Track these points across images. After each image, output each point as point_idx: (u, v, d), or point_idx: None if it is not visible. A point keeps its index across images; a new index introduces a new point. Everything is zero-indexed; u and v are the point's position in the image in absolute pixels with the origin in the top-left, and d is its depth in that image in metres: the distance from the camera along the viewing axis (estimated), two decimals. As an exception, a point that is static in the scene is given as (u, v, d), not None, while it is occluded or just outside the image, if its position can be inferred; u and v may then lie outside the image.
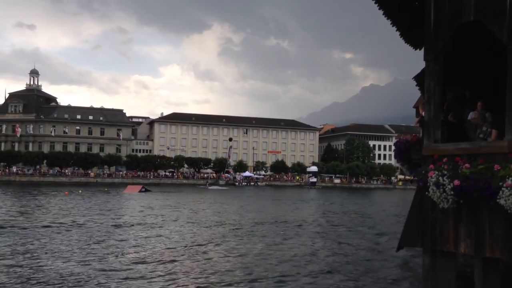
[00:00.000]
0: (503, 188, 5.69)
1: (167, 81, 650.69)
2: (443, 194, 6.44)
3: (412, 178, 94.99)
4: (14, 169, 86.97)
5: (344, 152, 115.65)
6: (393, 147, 9.74)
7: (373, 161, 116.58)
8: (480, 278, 7.39)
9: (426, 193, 6.79)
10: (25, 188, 60.27)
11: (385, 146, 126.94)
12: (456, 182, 6.25)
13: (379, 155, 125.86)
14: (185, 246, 17.05)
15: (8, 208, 30.40)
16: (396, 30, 9.12)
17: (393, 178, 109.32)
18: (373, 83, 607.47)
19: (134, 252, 15.54)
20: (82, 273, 12.10)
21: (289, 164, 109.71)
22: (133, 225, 23.09)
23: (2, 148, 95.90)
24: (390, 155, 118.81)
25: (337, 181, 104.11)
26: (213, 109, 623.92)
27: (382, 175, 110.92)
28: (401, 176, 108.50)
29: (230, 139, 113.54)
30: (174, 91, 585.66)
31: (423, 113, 7.80)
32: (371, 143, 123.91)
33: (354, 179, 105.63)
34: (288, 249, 17.03)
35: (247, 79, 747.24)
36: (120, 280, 11.50)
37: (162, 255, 15.15)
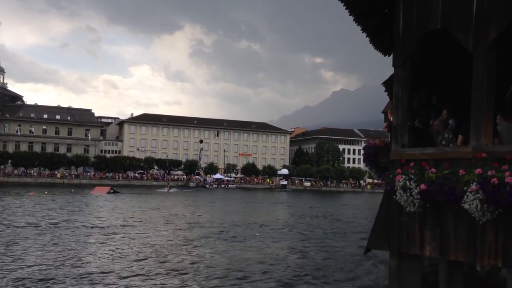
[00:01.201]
0: (467, 193, 5.82)
1: (137, 82, 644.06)
2: (409, 198, 6.56)
3: (380, 182, 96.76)
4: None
5: (315, 156, 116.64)
6: (362, 151, 9.87)
7: (342, 165, 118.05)
8: (444, 280, 7.55)
9: (394, 196, 6.90)
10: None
11: (354, 150, 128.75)
12: (423, 186, 6.37)
13: (349, 159, 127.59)
14: (155, 249, 16.82)
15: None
16: (366, 36, 9.24)
17: (362, 181, 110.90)
18: (344, 88, 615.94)
19: (103, 254, 15.22)
20: (51, 276, 11.78)
21: (260, 166, 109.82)
22: (100, 227, 22.64)
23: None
24: (359, 159, 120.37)
25: (307, 184, 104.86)
26: (184, 110, 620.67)
27: (351, 179, 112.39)
28: (370, 180, 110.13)
29: (201, 141, 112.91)
30: (144, 92, 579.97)
31: (391, 118, 7.93)
32: (341, 147, 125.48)
33: (323, 182, 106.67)
34: (258, 251, 17.02)
35: (218, 81, 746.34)
36: (89, 283, 11.25)
37: (131, 257, 14.90)
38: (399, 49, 7.54)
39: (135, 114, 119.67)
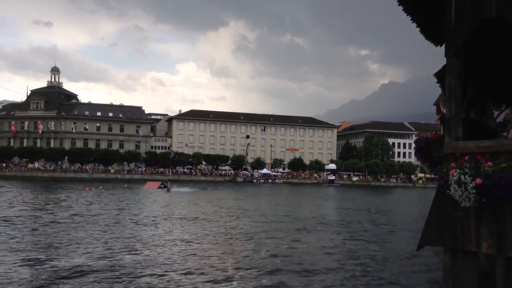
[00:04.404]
0: (526, 187, 5.58)
1: (184, 78, 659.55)
2: (464, 193, 6.34)
3: (433, 176, 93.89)
4: (37, 165, 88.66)
5: (363, 150, 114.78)
6: (413, 145, 9.64)
7: (392, 159, 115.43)
8: (502, 277, 7.27)
9: (447, 191, 6.70)
10: (48, 183, 61.40)
11: (404, 144, 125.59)
12: (478, 180, 6.14)
13: (399, 153, 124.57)
14: (212, 240, 17.18)
15: (34, 203, 31.04)
16: (416, 26, 8.97)
17: (413, 176, 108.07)
18: (392, 80, 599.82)
19: (161, 246, 15.69)
20: (110, 266, 12.28)
21: (307, 161, 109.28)
22: (155, 221, 23.38)
23: (25, 144, 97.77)
24: (410, 153, 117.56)
25: (355, 179, 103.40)
26: (229, 106, 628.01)
27: (401, 173, 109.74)
28: (421, 174, 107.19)
29: (247, 137, 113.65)
30: (190, 88, 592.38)
31: (444, 111, 7.70)
32: (391, 140, 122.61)
33: (373, 177, 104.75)
34: (310, 246, 17.06)
35: (262, 76, 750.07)
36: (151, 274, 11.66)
37: (197, 249, 15.30)
38: (452, 39, 7.29)
39: (181, 110, 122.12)
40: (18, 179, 70.87)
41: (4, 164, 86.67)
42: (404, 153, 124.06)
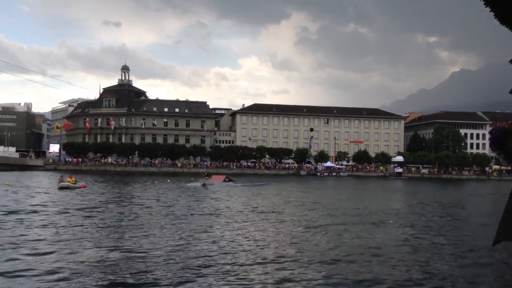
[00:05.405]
0: None
1: (246, 73, 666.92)
2: (546, 185, 5.95)
3: (509, 168, 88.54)
4: (109, 159, 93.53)
5: (432, 141, 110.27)
6: (487, 135, 9.15)
7: (464, 151, 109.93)
8: None
9: (526, 184, 6.31)
10: (120, 177, 64.58)
11: (478, 135, 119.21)
12: (562, 172, 5.74)
13: (472, 144, 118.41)
14: (284, 232, 17.34)
15: (109, 195, 32.84)
16: (490, 11, 8.48)
17: (487, 168, 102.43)
18: (464, 68, 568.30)
19: (233, 236, 16.06)
20: (183, 257, 12.74)
21: (372, 154, 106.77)
22: (223, 212, 23.95)
23: (98, 140, 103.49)
24: (484, 144, 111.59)
25: (424, 171, 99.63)
26: (292, 99, 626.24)
27: (475, 165, 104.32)
28: (496, 166, 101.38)
29: (311, 129, 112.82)
30: (253, 82, 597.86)
31: (522, 98, 7.24)
32: (462, 131, 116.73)
33: (443, 169, 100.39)
34: (384, 239, 16.78)
35: (324, 68, 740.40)
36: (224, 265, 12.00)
37: (267, 241, 15.55)
38: (531, 22, 6.82)
39: (245, 105, 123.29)
40: (92, 173, 75.06)
41: (80, 159, 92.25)
42: (478, 144, 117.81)
